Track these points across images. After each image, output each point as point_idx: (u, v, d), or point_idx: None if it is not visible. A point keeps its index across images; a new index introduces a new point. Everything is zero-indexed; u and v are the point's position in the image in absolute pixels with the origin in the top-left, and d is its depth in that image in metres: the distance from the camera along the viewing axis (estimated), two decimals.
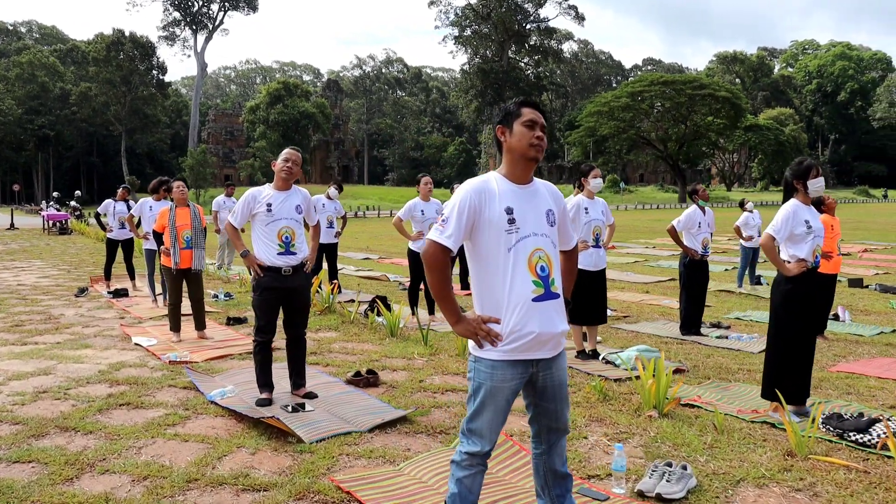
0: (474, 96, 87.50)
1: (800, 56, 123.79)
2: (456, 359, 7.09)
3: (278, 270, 5.42)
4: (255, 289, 5.47)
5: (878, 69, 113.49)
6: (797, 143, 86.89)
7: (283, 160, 5.47)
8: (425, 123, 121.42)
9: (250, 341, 7.68)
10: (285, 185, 5.53)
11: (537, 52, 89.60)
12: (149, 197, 10.34)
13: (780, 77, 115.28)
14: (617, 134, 69.44)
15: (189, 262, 7.73)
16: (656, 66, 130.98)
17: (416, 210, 9.19)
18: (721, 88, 67.80)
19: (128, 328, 8.50)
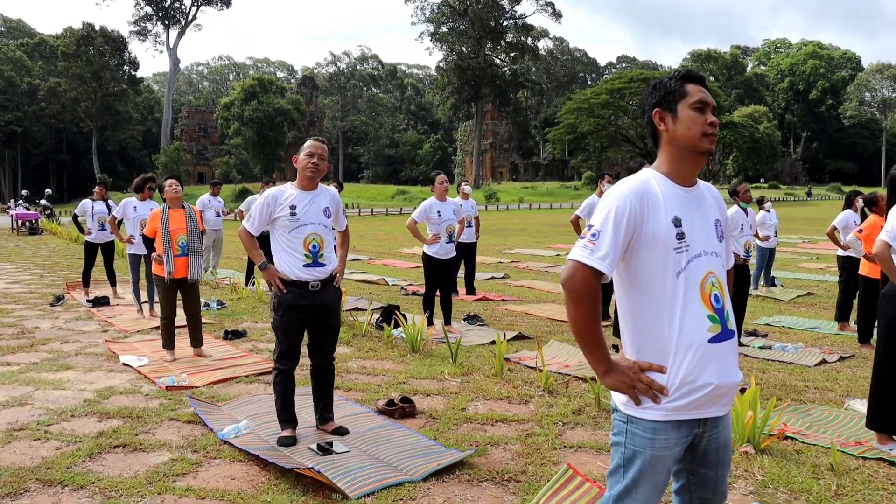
0: (451, 93, 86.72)
1: (772, 54, 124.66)
2: (494, 380, 6.26)
3: (304, 285, 4.55)
4: (277, 308, 4.58)
5: (847, 68, 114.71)
6: (771, 140, 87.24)
7: (306, 155, 4.59)
8: (400, 121, 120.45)
9: (255, 360, 6.80)
10: (311, 185, 4.66)
11: (514, 49, 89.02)
12: (132, 196, 9.35)
13: (753, 75, 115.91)
14: (596, 131, 68.87)
15: (184, 270, 6.81)
16: (630, 63, 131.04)
17: (433, 211, 8.35)
18: None
19: (113, 344, 7.53)
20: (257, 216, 4.60)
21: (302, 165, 4.59)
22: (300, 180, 4.65)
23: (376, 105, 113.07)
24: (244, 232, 4.68)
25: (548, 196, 69.91)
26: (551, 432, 4.91)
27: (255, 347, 7.48)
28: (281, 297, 4.54)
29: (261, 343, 7.70)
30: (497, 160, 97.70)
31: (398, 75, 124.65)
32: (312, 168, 4.57)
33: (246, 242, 4.71)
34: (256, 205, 4.63)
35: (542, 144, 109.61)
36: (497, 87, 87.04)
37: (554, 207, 56.97)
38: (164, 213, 6.85)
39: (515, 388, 6.04)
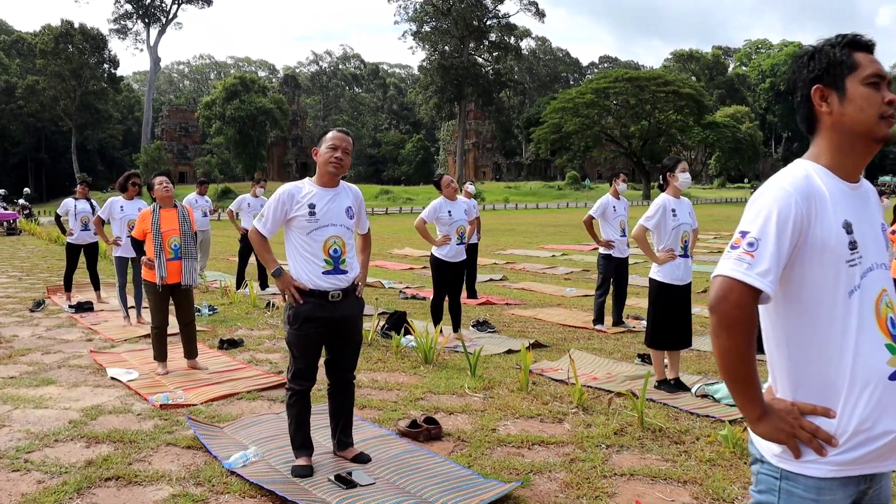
0: (434, 93, 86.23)
1: (753, 55, 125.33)
2: (520, 395, 5.74)
3: (324, 295, 4.00)
4: (292, 320, 4.03)
5: None
6: (753, 140, 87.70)
7: (328, 147, 4.03)
8: (382, 120, 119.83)
9: (255, 373, 6.24)
10: (333, 181, 4.12)
11: (497, 48, 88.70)
12: (118, 195, 8.72)
13: (734, 75, 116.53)
14: (582, 130, 68.64)
15: (178, 275, 6.22)
16: (613, 63, 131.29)
17: (443, 211, 7.82)
18: (685, 85, 67.51)
19: (99, 356, 6.92)
20: (271, 215, 4.05)
21: (324, 159, 4.04)
22: (320, 176, 4.10)
23: (358, 104, 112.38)
24: (255, 234, 4.13)
25: (532, 196, 69.61)
26: (596, 457, 4.40)
27: (253, 358, 6.91)
28: (297, 309, 4.00)
29: (259, 353, 7.14)
30: (480, 160, 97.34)
31: (380, 75, 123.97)
32: (336, 163, 4.02)
33: (258, 246, 4.15)
34: (269, 203, 4.08)
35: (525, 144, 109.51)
36: (480, 86, 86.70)
37: (540, 207, 56.58)
38: (155, 213, 6.26)
39: (545, 404, 5.53)
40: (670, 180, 6.07)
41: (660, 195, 6.13)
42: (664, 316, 6.03)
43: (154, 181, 6.36)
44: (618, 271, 8.97)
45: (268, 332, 8.16)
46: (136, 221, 8.42)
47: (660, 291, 6.05)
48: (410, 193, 69.09)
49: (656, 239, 6.11)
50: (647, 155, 73.34)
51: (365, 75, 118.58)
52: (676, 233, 6.00)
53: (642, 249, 6.19)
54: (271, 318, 8.90)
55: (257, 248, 4.16)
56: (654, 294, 6.10)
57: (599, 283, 8.94)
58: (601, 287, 8.92)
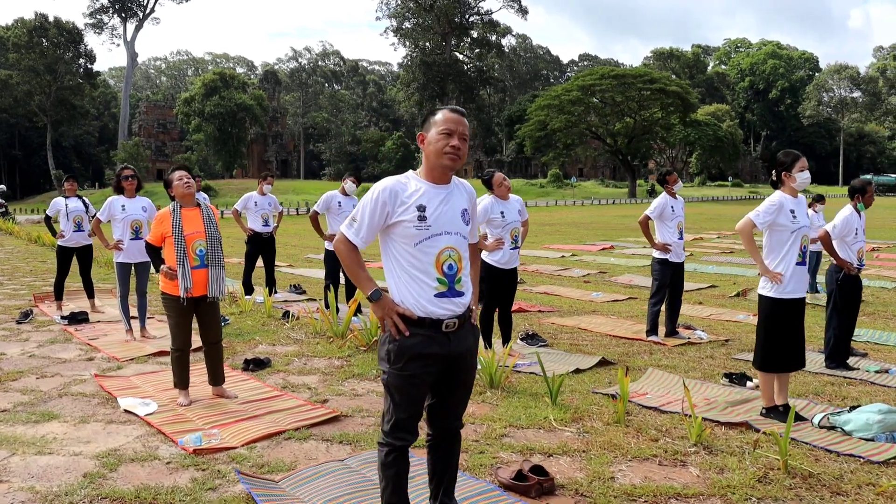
0: (416, 90, 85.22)
1: (732, 54, 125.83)
2: (617, 428, 4.82)
3: (437, 325, 3.06)
4: (394, 358, 3.07)
5: (806, 69, 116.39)
6: (734, 138, 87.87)
7: (442, 133, 3.07)
8: (362, 118, 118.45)
9: (296, 402, 5.27)
10: (445, 177, 3.16)
11: (480, 45, 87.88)
12: (118, 195, 7.64)
13: (714, 74, 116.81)
14: (567, 128, 67.91)
15: (204, 286, 5.23)
16: (592, 61, 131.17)
17: (495, 211, 6.89)
18: (672, 83, 66.98)
19: (106, 380, 5.89)
20: (366, 219, 3.09)
21: (435, 149, 3.07)
22: (430, 170, 3.14)
23: (338, 102, 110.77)
24: (345, 244, 3.15)
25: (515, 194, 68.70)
26: None
27: (286, 382, 5.93)
28: (402, 343, 3.05)
29: (291, 375, 6.15)
30: None
31: (360, 72, 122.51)
32: (452, 154, 3.07)
33: (347, 259, 3.16)
34: (364, 204, 3.11)
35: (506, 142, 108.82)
36: (463, 83, 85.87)
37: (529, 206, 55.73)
38: (176, 213, 5.26)
39: (654, 440, 4.63)
40: (786, 180, 5.18)
41: (774, 193, 5.25)
42: (778, 336, 5.18)
43: (172, 177, 5.34)
44: (674, 277, 8.14)
45: (293, 347, 7.18)
46: (142, 222, 7.47)
47: (773, 308, 5.18)
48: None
49: (766, 249, 5.25)
50: (632, 153, 72.89)
51: (344, 72, 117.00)
52: (797, 236, 5.12)
53: (749, 251, 5.33)
54: (293, 331, 7.91)
55: (347, 261, 3.18)
56: (767, 311, 5.23)
57: (655, 291, 8.09)
58: (656, 295, 8.06)
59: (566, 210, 46.47)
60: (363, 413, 5.10)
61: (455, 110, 3.17)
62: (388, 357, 3.10)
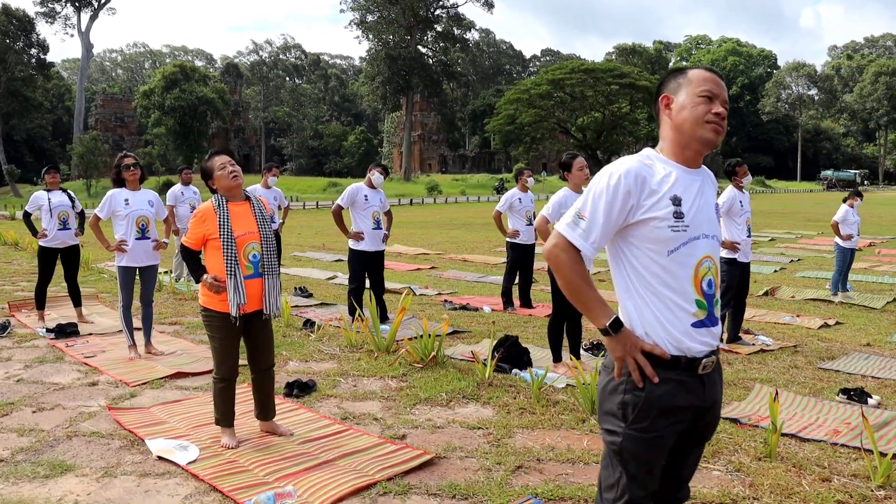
0: (381, 83, 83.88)
1: (693, 50, 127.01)
2: (771, 463, 3.92)
3: (693, 366, 2.16)
4: (636, 413, 2.14)
5: (765, 66, 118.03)
6: None
7: (702, 94, 2.18)
8: (324, 112, 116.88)
9: (370, 440, 4.28)
10: (697, 158, 2.28)
11: (445, 39, 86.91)
12: (118, 188, 6.46)
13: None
14: (536, 122, 67.34)
15: (258, 300, 4.19)
16: (555, 57, 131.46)
17: (567, 205, 5.95)
18: (641, 78, 66.91)
19: (122, 414, 4.76)
20: (601, 216, 2.14)
21: (694, 116, 2.18)
22: (682, 147, 2.23)
23: (299, 96, 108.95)
24: (567, 253, 2.18)
25: (482, 189, 68.09)
26: None
27: (344, 411, 4.90)
28: (649, 394, 2.12)
29: (346, 401, 5.12)
30: (426, 152, 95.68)
31: (322, 66, 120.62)
32: (717, 124, 2.17)
33: (571, 273, 2.18)
34: (595, 194, 2.15)
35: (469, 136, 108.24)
36: (428, 77, 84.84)
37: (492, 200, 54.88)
38: (222, 209, 4.16)
39: (825, 480, 3.76)
40: None
41: None
42: None
43: (212, 164, 4.22)
44: (741, 278, 7.35)
45: (331, 365, 6.14)
46: (149, 219, 6.36)
47: None
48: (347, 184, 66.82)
49: None
50: (601, 147, 72.67)
51: (306, 66, 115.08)
52: None
53: None
54: (322, 344, 6.85)
55: (570, 276, 2.17)
56: None
57: (722, 293, 7.21)
58: (723, 298, 7.23)
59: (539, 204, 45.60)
60: (459, 453, 4.13)
61: (713, 70, 2.23)
62: (625, 412, 2.16)
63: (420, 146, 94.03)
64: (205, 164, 4.26)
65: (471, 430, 4.49)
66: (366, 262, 7.74)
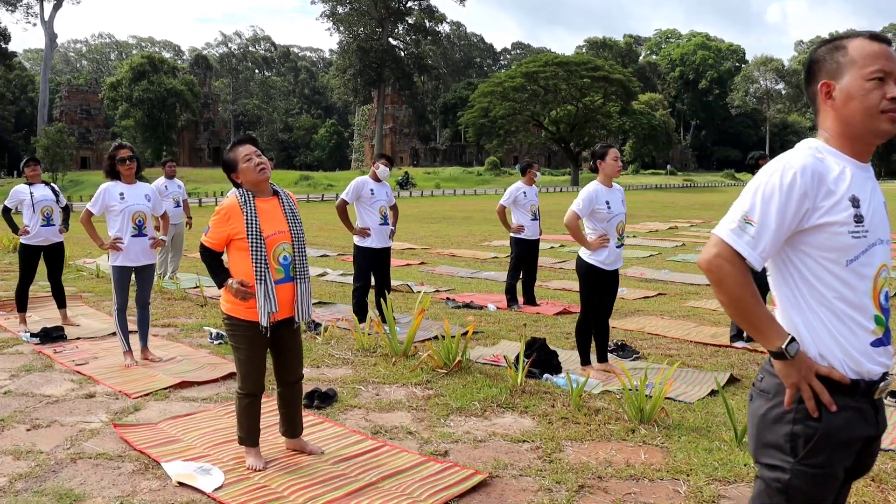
0: (353, 76, 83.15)
1: (663, 44, 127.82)
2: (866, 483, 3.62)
3: (870, 391, 1.85)
4: (808, 447, 1.80)
5: (733, 60, 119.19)
6: (667, 127, 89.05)
7: (872, 75, 1.81)
8: (294, 105, 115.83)
9: (409, 458, 3.89)
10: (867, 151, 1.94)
11: (416, 31, 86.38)
12: (112, 181, 5.97)
13: (646, 63, 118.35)
14: (510, 115, 67.13)
15: (289, 307, 3.77)
16: (525, 50, 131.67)
17: (600, 202, 5.58)
18: (615, 71, 66.99)
19: (128, 432, 4.31)
20: (773, 220, 1.82)
21: (867, 105, 1.82)
22: (853, 140, 1.90)
23: (269, 88, 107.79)
24: (732, 265, 1.84)
25: (454, 182, 67.83)
26: None
27: (373, 424, 4.48)
28: (827, 425, 1.79)
29: (372, 412, 4.71)
30: (397, 145, 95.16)
31: (291, 58, 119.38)
32: (893, 111, 1.80)
33: (738, 289, 1.84)
34: (764, 193, 1.82)
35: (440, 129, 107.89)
36: (400, 69, 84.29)
37: (467, 193, 54.56)
38: (249, 205, 3.70)
39: None
40: None
41: None
42: None
43: (235, 155, 3.75)
44: (761, 275, 7.03)
45: (345, 371, 5.73)
46: (146, 215, 5.89)
47: None
48: (330, 179, 66.16)
49: None
50: (575, 140, 72.71)
51: (276, 58, 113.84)
52: None
53: None
54: (332, 348, 6.42)
55: (737, 292, 1.82)
56: None
57: None
58: None
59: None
60: (511, 471, 3.76)
61: (877, 36, 1.87)
62: (794, 445, 1.82)
63: (391, 139, 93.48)
64: (227, 156, 3.81)
65: (516, 444, 4.13)
66: (372, 259, 7.34)
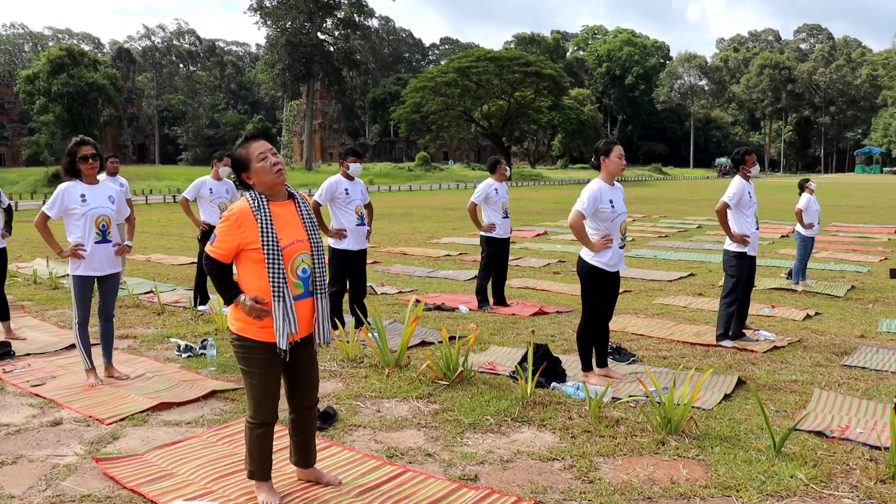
0: (281, 71, 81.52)
1: (590, 40, 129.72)
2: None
3: None
4: None
5: (658, 56, 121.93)
6: (595, 122, 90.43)
7: None
8: (220, 100, 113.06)
9: (445, 485, 3.55)
10: None
11: (347, 25, 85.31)
12: (71, 179, 5.41)
13: (573, 59, 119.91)
14: (443, 110, 66.84)
15: (308, 325, 3.32)
16: (454, 45, 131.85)
17: (604, 201, 5.32)
18: (547, 67, 67.41)
19: (114, 467, 3.79)
20: None
21: None
22: None
23: (194, 83, 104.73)
24: None
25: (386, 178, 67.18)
26: None
27: (383, 445, 4.09)
28: None
29: (378, 431, 4.32)
30: (326, 141, 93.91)
31: (217, 52, 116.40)
32: None
33: None
34: None
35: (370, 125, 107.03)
36: (329, 64, 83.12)
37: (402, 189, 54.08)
38: (263, 211, 3.21)
39: None
40: None
41: None
42: None
43: (250, 151, 3.26)
44: (749, 272, 7.03)
45: (336, 384, 5.27)
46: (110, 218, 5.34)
47: None
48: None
49: None
50: (507, 135, 72.96)
51: (201, 52, 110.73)
52: None
53: None
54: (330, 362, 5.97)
55: None
56: None
57: (731, 289, 6.90)
58: (732, 293, 6.91)
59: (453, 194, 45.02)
60: (554, 495, 3.44)
61: None
62: None
63: (321, 135, 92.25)
64: (238, 152, 3.32)
65: (545, 463, 3.83)
66: (349, 262, 6.93)
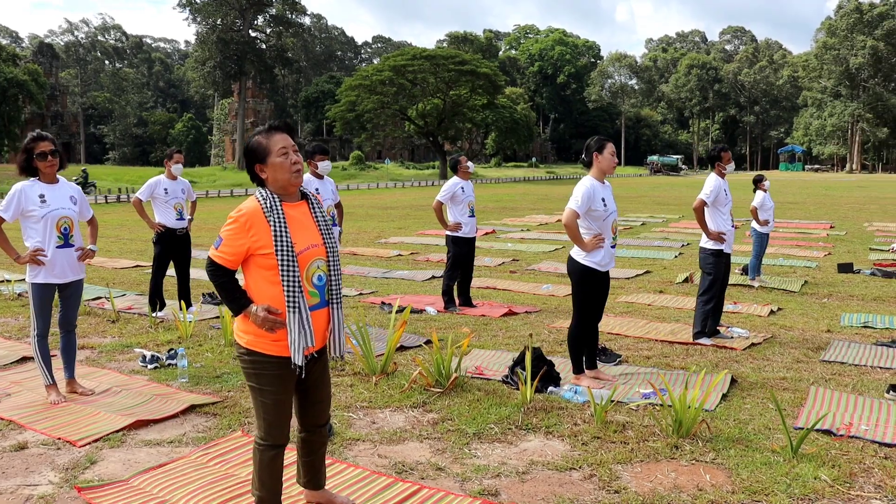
0: (212, 68, 79.76)
1: (522, 39, 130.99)
2: None
3: None
4: None
5: (589, 56, 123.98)
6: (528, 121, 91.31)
7: None
8: (148, 98, 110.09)
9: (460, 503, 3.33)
10: None
11: (279, 23, 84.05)
12: (29, 178, 4.97)
13: (506, 58, 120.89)
14: (379, 108, 66.34)
15: (323, 337, 3.02)
16: (386, 44, 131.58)
17: (597, 200, 5.19)
18: (482, 65, 67.63)
19: (97, 496, 3.44)
20: None
21: None
22: None
23: (121, 80, 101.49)
24: None
25: None
26: None
27: (387, 460, 3.84)
28: None
29: (379, 444, 4.08)
30: None
31: (144, 49, 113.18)
32: None
33: None
34: None
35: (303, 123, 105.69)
36: (261, 62, 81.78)
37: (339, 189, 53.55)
38: (276, 212, 2.89)
39: None
40: None
41: None
42: None
43: (270, 143, 2.92)
44: (725, 270, 7.04)
45: None
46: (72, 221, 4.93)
47: None
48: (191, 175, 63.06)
49: None
50: (442, 134, 72.94)
51: (127, 49, 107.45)
52: None
53: None
54: None
55: None
56: None
57: (708, 286, 6.90)
58: (709, 291, 6.91)
59: (391, 192, 44.70)
60: None
61: None
62: None
63: None
64: (257, 140, 2.96)
65: (563, 473, 3.65)
66: None
